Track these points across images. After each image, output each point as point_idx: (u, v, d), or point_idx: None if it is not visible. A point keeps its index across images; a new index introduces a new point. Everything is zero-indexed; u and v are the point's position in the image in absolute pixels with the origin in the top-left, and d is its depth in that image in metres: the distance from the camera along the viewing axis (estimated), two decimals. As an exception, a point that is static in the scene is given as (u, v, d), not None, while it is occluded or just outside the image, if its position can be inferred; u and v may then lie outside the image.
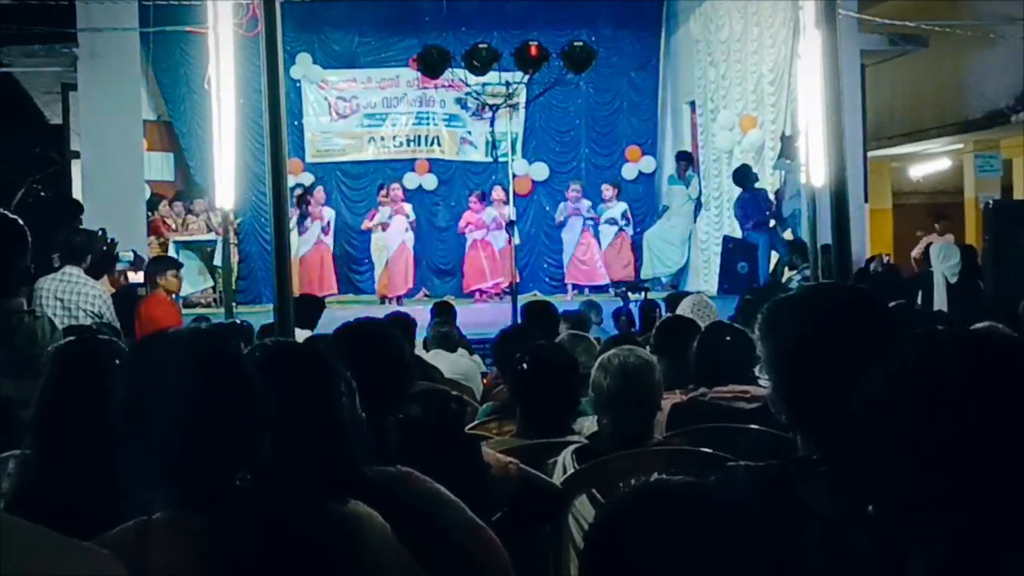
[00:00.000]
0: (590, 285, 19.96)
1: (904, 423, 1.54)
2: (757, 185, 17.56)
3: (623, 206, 20.37)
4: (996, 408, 1.50)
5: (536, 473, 4.30)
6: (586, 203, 20.26)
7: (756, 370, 5.08)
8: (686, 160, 20.49)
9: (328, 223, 19.67)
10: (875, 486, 1.54)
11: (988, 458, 1.47)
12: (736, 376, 5.43)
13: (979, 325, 6.34)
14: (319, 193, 19.77)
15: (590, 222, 20.16)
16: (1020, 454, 1.47)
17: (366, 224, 19.90)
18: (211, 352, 2.53)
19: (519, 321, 10.38)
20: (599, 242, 20.20)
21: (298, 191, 18.94)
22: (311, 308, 10.06)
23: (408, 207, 19.78)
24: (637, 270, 20.41)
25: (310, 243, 19.36)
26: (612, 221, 20.21)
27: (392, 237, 19.49)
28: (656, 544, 1.68)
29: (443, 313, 11.03)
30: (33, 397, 3.30)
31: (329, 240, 19.69)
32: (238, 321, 10.61)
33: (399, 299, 19.21)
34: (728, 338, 5.68)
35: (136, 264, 13.55)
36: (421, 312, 13.37)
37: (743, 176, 17.57)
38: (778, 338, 2.63)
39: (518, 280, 17.77)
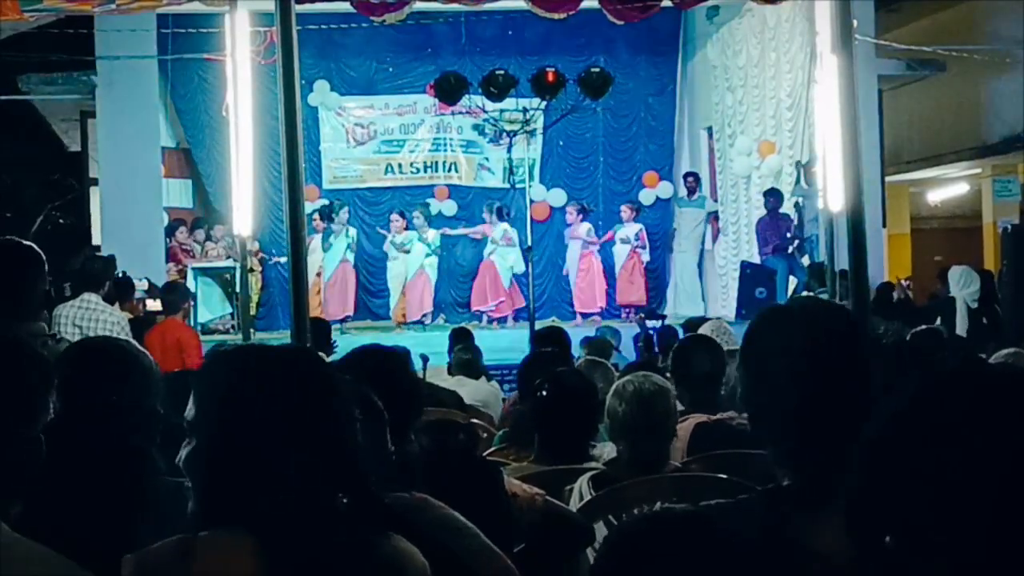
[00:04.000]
0: (585, 312, 19.79)
1: (912, 451, 1.53)
2: (781, 210, 17.53)
3: (638, 227, 20.27)
4: (1000, 436, 1.49)
5: (563, 506, 4.29)
6: (585, 227, 20.12)
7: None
8: (693, 179, 20.53)
9: (353, 240, 19.62)
10: (887, 517, 1.53)
11: (995, 484, 1.46)
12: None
13: (1004, 352, 6.31)
14: (344, 213, 19.72)
15: (591, 246, 20.04)
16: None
17: (394, 235, 19.73)
18: (309, 373, 2.50)
19: (539, 346, 10.33)
20: (604, 265, 20.06)
21: (316, 215, 18.90)
22: (321, 332, 10.05)
23: (433, 233, 19.77)
24: (649, 294, 20.33)
25: (336, 261, 19.33)
26: (625, 240, 20.12)
27: (412, 262, 19.46)
28: (659, 571, 1.68)
29: (462, 339, 10.99)
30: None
31: (352, 258, 19.64)
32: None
33: (420, 323, 19.15)
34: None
35: (150, 292, 13.56)
36: (439, 338, 13.40)
37: (768, 200, 17.57)
38: (759, 357, 2.58)
39: (522, 304, 17.82)
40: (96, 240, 18.64)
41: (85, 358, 3.67)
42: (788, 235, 17.26)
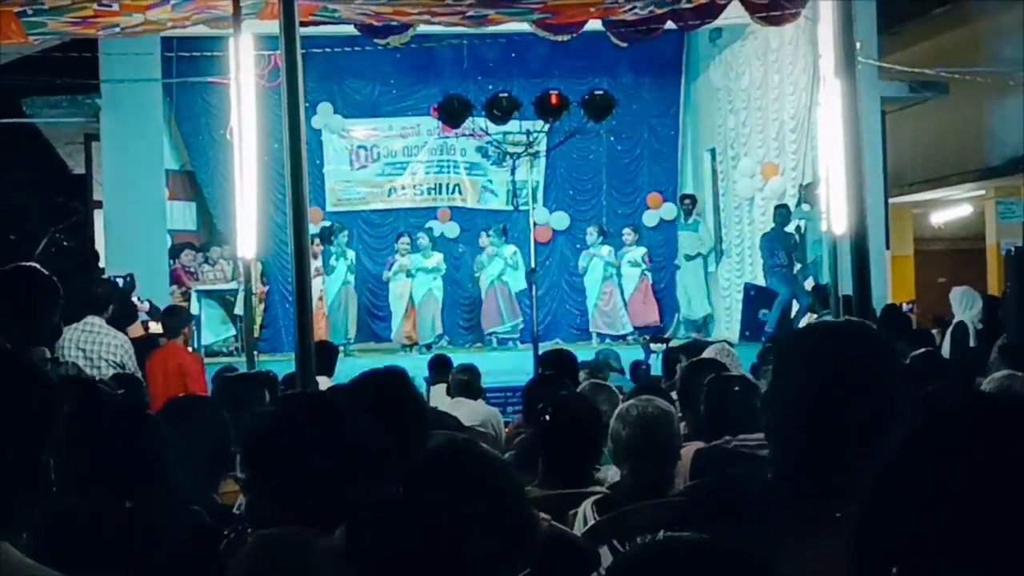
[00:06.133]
0: (611, 335, 19.87)
1: (916, 466, 1.55)
2: (786, 230, 17.51)
3: (642, 250, 20.36)
4: (1000, 453, 1.51)
5: (567, 530, 4.27)
6: (606, 248, 20.18)
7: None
8: (690, 200, 20.59)
9: (351, 263, 19.66)
10: (893, 532, 1.54)
11: (995, 512, 1.48)
12: (748, 426, 5.36)
13: (1000, 374, 6.30)
14: (344, 236, 19.78)
15: (612, 268, 20.11)
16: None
17: (387, 275, 19.87)
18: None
19: (541, 370, 10.33)
20: (622, 288, 20.17)
21: (315, 238, 18.91)
22: (327, 355, 10.04)
23: (439, 256, 19.82)
24: (661, 316, 20.42)
25: (337, 284, 19.34)
26: (635, 263, 20.18)
27: (419, 284, 19.50)
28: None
29: (440, 368, 11.01)
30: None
31: (353, 280, 19.67)
32: (262, 370, 10.58)
33: (428, 347, 19.14)
34: (736, 388, 5.65)
35: (151, 314, 13.53)
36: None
37: (777, 216, 17.58)
38: (798, 377, 2.57)
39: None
40: (100, 263, 18.65)
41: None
42: (792, 254, 17.24)
